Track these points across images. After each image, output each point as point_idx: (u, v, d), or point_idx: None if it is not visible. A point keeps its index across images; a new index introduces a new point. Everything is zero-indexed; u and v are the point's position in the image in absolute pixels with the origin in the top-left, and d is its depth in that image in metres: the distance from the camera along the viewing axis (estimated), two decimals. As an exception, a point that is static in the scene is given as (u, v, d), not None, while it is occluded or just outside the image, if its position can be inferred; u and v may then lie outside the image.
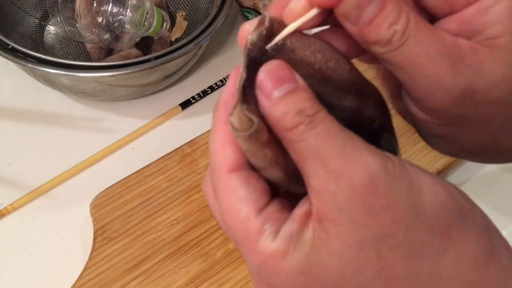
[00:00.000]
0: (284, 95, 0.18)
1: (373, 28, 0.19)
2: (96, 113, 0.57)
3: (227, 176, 0.20)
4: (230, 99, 0.20)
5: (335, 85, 0.21)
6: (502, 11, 0.18)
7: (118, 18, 0.55)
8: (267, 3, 0.60)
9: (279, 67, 0.19)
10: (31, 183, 0.50)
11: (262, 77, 0.19)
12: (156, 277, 0.43)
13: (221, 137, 0.20)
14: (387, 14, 0.19)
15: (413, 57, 0.19)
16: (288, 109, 0.18)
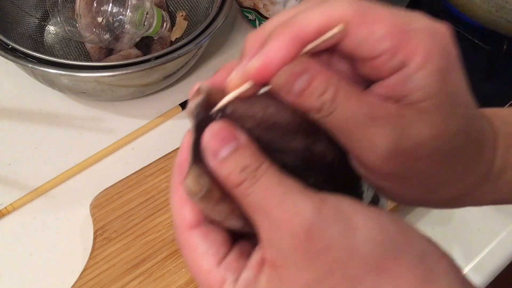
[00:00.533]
0: (228, 155, 0.20)
1: (304, 98, 0.20)
2: (96, 113, 0.57)
3: (187, 233, 0.22)
4: (183, 162, 0.22)
5: (281, 130, 0.22)
6: (423, 78, 0.20)
7: (118, 18, 0.55)
8: (267, 3, 0.60)
9: (221, 128, 0.21)
10: (31, 183, 0.50)
11: (206, 140, 0.21)
12: (156, 277, 0.43)
13: (178, 198, 0.22)
14: (316, 86, 0.20)
15: (343, 122, 0.20)
16: (233, 168, 0.20)
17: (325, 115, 0.21)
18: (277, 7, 0.60)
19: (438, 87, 0.20)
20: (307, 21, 0.20)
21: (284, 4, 0.60)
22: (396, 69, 0.20)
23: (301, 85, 0.20)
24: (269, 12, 0.61)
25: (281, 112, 0.22)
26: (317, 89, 0.20)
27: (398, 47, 0.20)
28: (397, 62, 0.20)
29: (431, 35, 0.20)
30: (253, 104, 0.22)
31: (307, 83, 0.20)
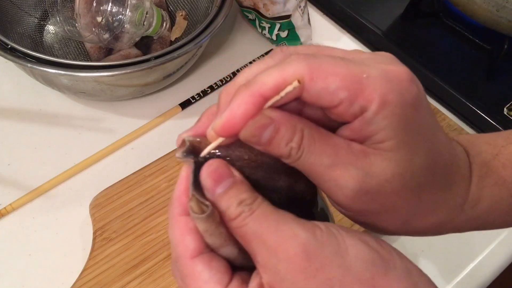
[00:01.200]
0: (225, 190, 0.22)
1: (273, 147, 0.22)
2: (95, 113, 0.57)
3: (190, 262, 0.23)
4: (182, 195, 0.24)
5: (267, 169, 0.24)
6: (382, 120, 0.22)
7: (118, 17, 0.55)
8: (267, 3, 0.60)
9: (217, 166, 0.23)
10: (30, 183, 0.50)
11: (204, 177, 0.23)
12: (156, 278, 0.43)
13: (179, 228, 0.24)
14: (282, 135, 0.22)
15: (311, 166, 0.22)
16: (230, 202, 0.22)
17: (294, 160, 0.22)
18: (277, 7, 0.60)
19: (398, 128, 0.22)
20: (264, 80, 0.22)
21: (284, 4, 0.60)
22: (357, 114, 0.22)
23: (269, 135, 0.22)
24: (269, 12, 0.61)
25: (264, 155, 0.24)
26: (284, 137, 0.22)
27: (355, 95, 0.21)
28: (357, 108, 0.22)
29: (386, 81, 0.22)
30: (239, 146, 0.24)
31: (274, 133, 0.22)
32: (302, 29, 0.63)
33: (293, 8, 0.60)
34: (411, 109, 0.22)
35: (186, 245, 0.23)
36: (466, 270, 0.47)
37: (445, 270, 0.47)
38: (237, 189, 0.22)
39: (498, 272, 0.48)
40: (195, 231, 0.23)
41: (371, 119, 0.22)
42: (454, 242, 0.49)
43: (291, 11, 0.60)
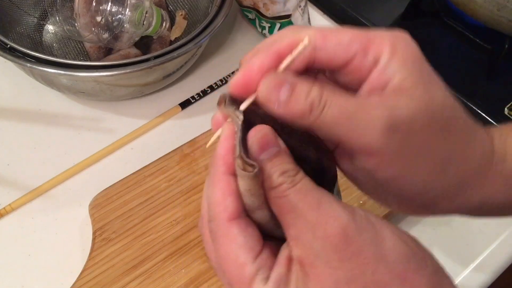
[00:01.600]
0: (269, 157, 0.22)
1: (293, 103, 0.22)
2: (95, 113, 0.57)
3: (227, 224, 0.23)
4: (227, 153, 0.23)
5: (298, 138, 0.24)
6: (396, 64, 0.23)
7: (117, 17, 0.54)
8: (267, 2, 0.60)
9: (265, 133, 0.23)
10: (30, 183, 0.50)
11: (251, 141, 0.23)
12: (156, 278, 0.43)
13: (221, 187, 0.23)
14: (300, 90, 0.22)
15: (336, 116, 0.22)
16: (274, 170, 0.22)
17: (317, 114, 0.22)
18: (277, 6, 0.60)
19: (413, 69, 0.23)
20: (280, 41, 0.23)
21: (284, 4, 0.60)
22: (371, 66, 0.23)
23: (287, 90, 0.22)
24: (269, 11, 0.61)
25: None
26: (302, 91, 0.22)
27: (367, 47, 0.23)
28: (371, 59, 0.23)
29: (391, 35, 0.23)
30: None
31: (290, 90, 0.22)
32: (302, 28, 0.62)
33: (293, 8, 0.60)
34: (419, 54, 0.24)
35: (226, 205, 0.23)
36: (466, 270, 0.47)
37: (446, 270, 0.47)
38: (281, 159, 0.22)
39: (499, 272, 0.48)
40: (237, 193, 0.23)
41: (386, 66, 0.23)
42: (455, 242, 0.49)
43: (291, 11, 0.60)
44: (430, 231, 0.49)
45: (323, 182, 0.24)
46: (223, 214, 0.23)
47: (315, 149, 0.25)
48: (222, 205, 0.23)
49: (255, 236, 0.23)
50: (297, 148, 0.24)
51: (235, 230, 0.23)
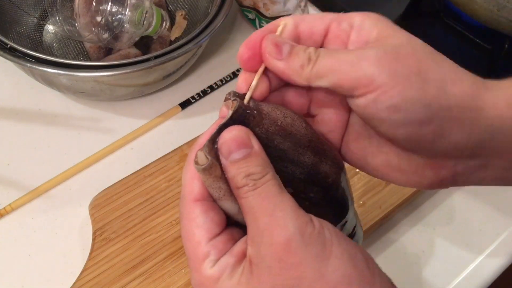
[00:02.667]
0: (238, 159, 0.23)
1: (293, 57, 0.25)
2: (95, 113, 0.57)
3: (191, 204, 0.24)
4: (203, 143, 0.25)
5: (296, 141, 0.25)
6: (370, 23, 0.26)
7: (117, 17, 0.54)
8: (267, 2, 0.60)
9: (237, 134, 0.23)
10: (29, 183, 0.50)
11: (222, 140, 0.24)
12: (156, 278, 0.43)
13: (190, 170, 0.25)
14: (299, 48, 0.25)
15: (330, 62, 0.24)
16: (239, 172, 0.23)
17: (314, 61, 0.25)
18: (277, 6, 0.60)
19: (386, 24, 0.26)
20: (267, 27, 0.27)
21: (284, 4, 0.60)
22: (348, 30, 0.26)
23: (288, 47, 0.25)
24: (269, 11, 0.61)
25: (296, 123, 0.25)
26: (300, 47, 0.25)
27: (339, 17, 0.27)
28: (346, 25, 0.26)
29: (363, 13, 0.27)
30: (275, 108, 0.25)
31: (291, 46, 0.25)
32: (302, 28, 0.62)
33: (293, 8, 0.60)
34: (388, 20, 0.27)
35: (192, 187, 0.25)
36: (466, 270, 0.47)
37: (445, 270, 0.47)
38: (249, 161, 0.23)
39: (498, 272, 0.48)
40: None
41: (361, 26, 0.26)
42: (455, 242, 0.49)
43: (291, 11, 0.60)
44: (430, 231, 0.49)
45: (318, 186, 0.25)
46: (189, 195, 0.25)
47: (314, 153, 0.26)
48: (189, 186, 0.25)
49: (215, 220, 0.24)
50: (290, 151, 0.25)
51: (196, 210, 0.24)
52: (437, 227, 0.50)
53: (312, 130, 0.26)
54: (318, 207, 0.26)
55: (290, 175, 0.25)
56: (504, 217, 0.51)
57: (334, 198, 0.27)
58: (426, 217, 0.50)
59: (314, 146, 0.26)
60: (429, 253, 0.48)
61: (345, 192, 0.28)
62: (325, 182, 0.26)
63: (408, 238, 0.48)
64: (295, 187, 0.25)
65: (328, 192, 0.27)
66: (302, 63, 0.25)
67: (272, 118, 0.25)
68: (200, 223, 0.24)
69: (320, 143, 0.26)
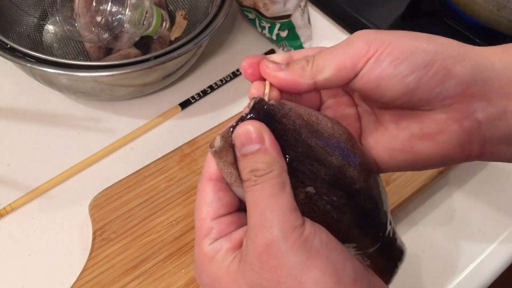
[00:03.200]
0: (247, 153, 0.24)
1: (292, 64, 0.26)
2: (95, 113, 0.57)
3: (205, 182, 0.26)
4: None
5: (323, 139, 0.25)
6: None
7: (117, 17, 0.54)
8: (267, 2, 0.60)
9: (255, 128, 0.24)
10: (29, 184, 0.50)
11: (236, 133, 0.24)
12: (156, 278, 0.43)
13: None
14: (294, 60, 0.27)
15: (333, 51, 0.26)
16: (246, 166, 0.24)
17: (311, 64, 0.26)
18: (277, 6, 0.60)
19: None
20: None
21: (284, 4, 0.60)
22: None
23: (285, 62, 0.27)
24: (269, 11, 0.61)
25: (322, 122, 0.25)
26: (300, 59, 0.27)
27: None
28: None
29: None
30: (297, 106, 0.25)
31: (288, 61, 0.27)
32: (302, 28, 0.62)
33: (293, 8, 0.60)
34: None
35: (209, 167, 0.26)
36: (466, 270, 0.47)
37: (445, 270, 0.47)
38: (256, 157, 0.24)
39: (498, 272, 0.48)
40: None
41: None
42: (455, 242, 0.49)
43: (291, 11, 0.60)
44: (430, 231, 0.49)
45: (342, 190, 0.25)
46: (206, 173, 0.26)
47: (343, 155, 0.25)
48: (207, 166, 0.26)
49: (223, 200, 0.26)
50: (318, 149, 0.25)
51: (208, 188, 0.26)
52: (437, 227, 0.50)
53: (341, 132, 0.26)
54: (341, 212, 0.25)
55: (314, 174, 0.24)
56: (504, 217, 0.51)
57: (359, 206, 0.26)
58: (426, 217, 0.50)
59: (343, 148, 0.25)
60: (429, 253, 0.48)
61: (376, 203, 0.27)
62: (351, 187, 0.25)
63: (408, 238, 0.48)
64: (318, 188, 0.25)
65: (352, 198, 0.26)
66: (302, 66, 0.26)
67: (297, 112, 0.25)
68: (209, 201, 0.26)
69: (350, 146, 0.26)
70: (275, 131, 0.24)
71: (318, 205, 0.24)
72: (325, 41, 0.67)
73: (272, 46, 0.65)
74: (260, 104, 0.24)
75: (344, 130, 0.26)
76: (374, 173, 0.27)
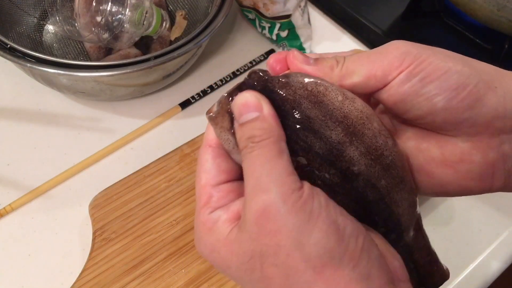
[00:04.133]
0: (243, 122, 0.24)
1: (321, 61, 0.26)
2: (95, 113, 0.57)
3: (204, 149, 0.26)
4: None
5: (326, 112, 0.24)
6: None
7: (117, 17, 0.54)
8: (267, 2, 0.60)
9: (250, 97, 0.24)
10: (29, 184, 0.50)
11: (234, 103, 0.24)
12: (156, 278, 0.43)
13: None
14: (324, 57, 0.26)
15: (356, 58, 0.25)
16: (243, 134, 0.24)
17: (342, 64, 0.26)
18: (277, 6, 0.60)
19: None
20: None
21: (284, 4, 0.60)
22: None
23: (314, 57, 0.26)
24: (269, 11, 0.61)
25: (331, 94, 0.24)
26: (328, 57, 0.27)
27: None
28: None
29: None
30: (308, 77, 0.24)
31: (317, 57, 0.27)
32: (302, 28, 0.62)
33: (293, 8, 0.60)
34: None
35: (209, 134, 0.26)
36: (466, 270, 0.47)
37: (445, 270, 0.47)
38: (254, 124, 0.23)
39: (498, 272, 0.48)
40: None
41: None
42: (455, 242, 0.49)
43: (291, 11, 0.60)
44: (430, 231, 0.49)
45: (335, 167, 0.23)
46: (205, 140, 0.26)
47: (345, 131, 0.24)
48: (207, 133, 0.26)
49: (222, 167, 0.25)
50: (317, 121, 0.24)
51: (206, 155, 0.25)
52: (437, 227, 0.50)
53: (354, 108, 0.24)
54: (332, 192, 0.24)
55: (308, 146, 0.23)
56: (504, 217, 0.51)
57: (356, 192, 0.24)
58: (426, 217, 0.50)
59: (348, 125, 0.24)
60: (429, 253, 0.48)
61: (382, 197, 0.24)
62: (348, 168, 0.24)
63: (408, 238, 0.48)
64: (310, 160, 0.24)
65: (348, 180, 0.24)
66: (331, 65, 0.26)
67: (302, 83, 0.24)
68: (207, 168, 0.25)
69: (360, 125, 0.24)
70: (274, 101, 0.24)
71: (309, 177, 0.23)
72: (325, 41, 0.66)
73: (272, 46, 0.65)
74: (259, 74, 0.24)
75: (359, 108, 0.24)
76: (395, 169, 0.25)
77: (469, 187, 0.26)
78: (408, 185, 0.25)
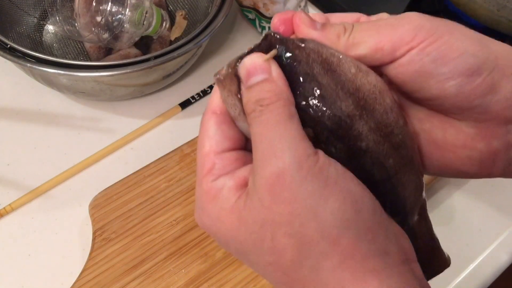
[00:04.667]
0: (251, 85, 0.22)
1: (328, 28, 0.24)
2: (95, 113, 0.57)
3: (208, 116, 0.24)
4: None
5: (338, 81, 0.22)
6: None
7: (117, 17, 0.54)
8: (267, 2, 0.60)
9: (258, 59, 0.22)
10: (29, 184, 0.50)
11: (241, 65, 0.23)
12: (156, 278, 0.43)
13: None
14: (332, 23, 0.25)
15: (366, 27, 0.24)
16: (250, 97, 0.22)
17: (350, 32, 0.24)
18: (277, 6, 0.60)
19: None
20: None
21: (284, 4, 0.60)
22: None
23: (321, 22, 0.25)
24: (269, 11, 0.61)
25: (344, 65, 0.23)
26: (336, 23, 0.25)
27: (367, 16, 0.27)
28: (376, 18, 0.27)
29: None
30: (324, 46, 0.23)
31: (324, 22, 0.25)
32: (302, 28, 0.62)
33: (293, 8, 0.60)
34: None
35: (214, 99, 0.24)
36: (466, 271, 0.47)
37: (445, 270, 0.47)
38: (263, 86, 0.22)
39: (498, 272, 0.48)
40: None
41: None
42: (455, 242, 0.49)
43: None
44: (430, 231, 0.49)
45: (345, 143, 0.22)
46: (209, 106, 0.24)
47: (356, 104, 0.22)
48: (211, 99, 0.24)
49: (226, 133, 0.24)
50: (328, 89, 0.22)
51: (211, 121, 0.24)
52: (437, 227, 0.50)
53: (367, 82, 0.23)
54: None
55: (317, 116, 0.22)
56: (504, 217, 0.51)
57: (363, 170, 0.23)
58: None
59: (359, 98, 0.22)
60: (429, 253, 0.48)
61: (389, 177, 0.23)
62: (355, 144, 0.22)
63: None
64: (317, 132, 0.22)
65: (354, 156, 0.22)
66: (338, 33, 0.24)
67: (317, 49, 0.23)
68: (211, 135, 0.24)
69: (371, 99, 0.23)
70: (286, 66, 0.23)
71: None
72: (325, 41, 0.67)
73: (272, 46, 0.65)
74: (272, 36, 0.23)
75: (372, 82, 0.23)
76: (405, 149, 0.24)
77: (468, 172, 0.25)
78: (416, 167, 0.24)
